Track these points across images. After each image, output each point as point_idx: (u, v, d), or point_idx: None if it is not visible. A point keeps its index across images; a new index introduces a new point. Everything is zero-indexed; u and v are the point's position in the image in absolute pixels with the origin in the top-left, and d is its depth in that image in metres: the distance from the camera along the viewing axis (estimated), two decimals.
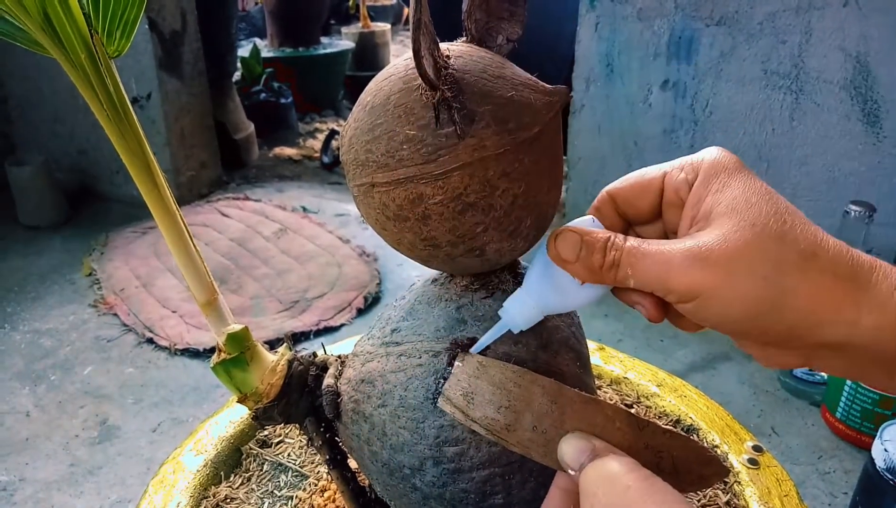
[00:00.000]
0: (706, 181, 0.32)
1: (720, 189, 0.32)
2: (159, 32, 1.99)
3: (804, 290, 0.29)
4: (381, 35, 3.70)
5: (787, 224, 0.30)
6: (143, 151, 0.36)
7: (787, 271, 0.29)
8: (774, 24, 1.34)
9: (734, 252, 0.29)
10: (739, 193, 0.31)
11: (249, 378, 0.42)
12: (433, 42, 0.33)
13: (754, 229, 0.30)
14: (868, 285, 0.29)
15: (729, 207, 0.31)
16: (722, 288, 0.30)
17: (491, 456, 0.37)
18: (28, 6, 0.32)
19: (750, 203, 0.31)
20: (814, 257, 0.30)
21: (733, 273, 0.29)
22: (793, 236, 0.30)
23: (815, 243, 0.30)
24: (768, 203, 0.31)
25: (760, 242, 0.30)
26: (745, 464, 0.54)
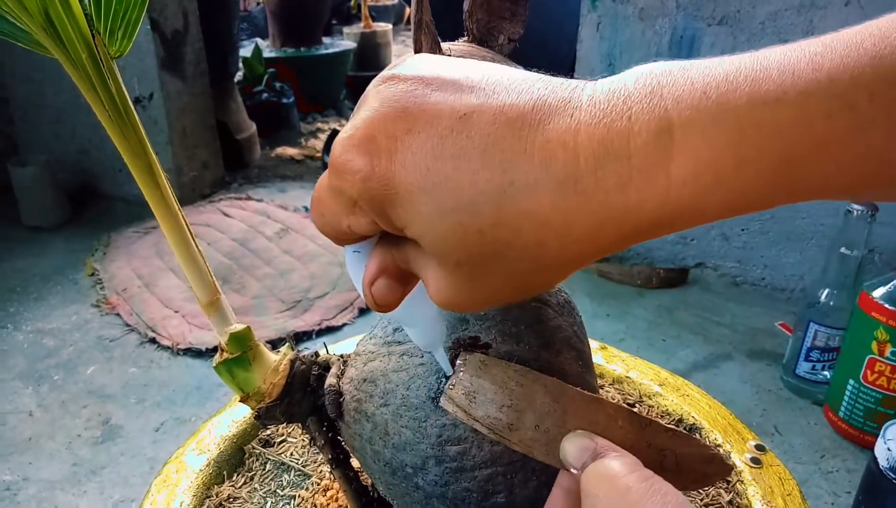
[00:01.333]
0: (386, 223, 0.26)
1: (405, 225, 0.26)
2: (161, 32, 1.99)
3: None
4: (382, 35, 3.70)
5: (483, 239, 0.24)
6: (145, 152, 0.36)
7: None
8: (776, 23, 1.34)
9: (456, 290, 0.26)
10: (422, 226, 0.25)
11: (252, 378, 0.42)
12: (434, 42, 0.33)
13: (460, 270, 0.26)
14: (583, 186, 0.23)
15: (425, 242, 0.26)
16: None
17: (493, 455, 0.37)
18: (29, 6, 0.32)
19: (440, 236, 0.25)
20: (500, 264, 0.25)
21: (470, 303, 0.27)
22: (495, 252, 0.25)
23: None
24: (451, 222, 0.24)
25: (467, 279, 0.26)
26: (747, 463, 0.54)
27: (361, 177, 0.25)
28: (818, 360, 1.23)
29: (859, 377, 1.10)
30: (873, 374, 1.08)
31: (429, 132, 0.24)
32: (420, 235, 0.25)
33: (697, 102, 0.22)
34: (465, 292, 0.26)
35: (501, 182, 0.23)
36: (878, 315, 1.04)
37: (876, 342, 1.06)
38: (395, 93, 0.25)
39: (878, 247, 1.36)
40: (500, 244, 0.24)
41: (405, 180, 0.24)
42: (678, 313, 1.54)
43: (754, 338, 1.44)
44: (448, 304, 0.27)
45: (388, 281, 0.29)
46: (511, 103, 0.24)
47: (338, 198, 0.26)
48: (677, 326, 1.49)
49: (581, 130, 0.23)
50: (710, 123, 0.22)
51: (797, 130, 0.22)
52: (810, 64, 0.22)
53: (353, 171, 0.25)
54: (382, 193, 0.25)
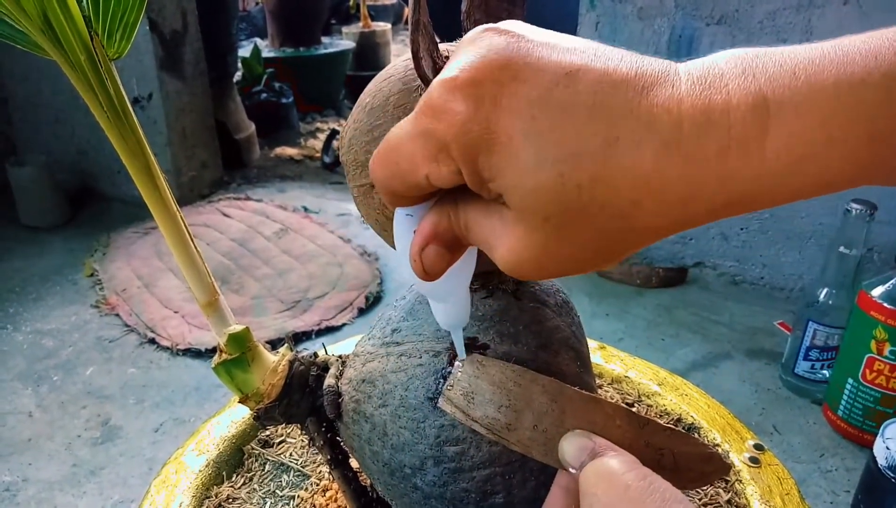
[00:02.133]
0: (473, 173, 0.26)
1: (493, 176, 0.25)
2: (160, 33, 1.99)
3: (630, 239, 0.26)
4: (381, 35, 3.70)
5: (580, 194, 0.24)
6: (144, 153, 0.36)
7: (593, 254, 0.26)
8: (775, 22, 1.34)
9: (540, 256, 0.26)
10: (515, 177, 0.25)
11: (251, 379, 0.42)
12: (432, 43, 0.33)
13: (546, 228, 0.25)
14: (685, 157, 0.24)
15: (513, 190, 0.25)
16: (541, 275, 0.27)
17: (491, 456, 0.37)
18: (28, 9, 0.32)
19: (535, 189, 0.25)
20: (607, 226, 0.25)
21: (545, 271, 0.27)
22: (586, 215, 0.25)
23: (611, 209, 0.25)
24: (551, 176, 0.24)
25: (556, 243, 0.26)
26: (746, 462, 0.54)
27: (462, 119, 0.24)
28: (817, 359, 1.23)
29: (858, 376, 1.10)
30: (872, 373, 1.08)
31: (535, 82, 0.24)
32: (512, 186, 0.25)
33: (788, 82, 0.23)
34: (544, 254, 0.26)
35: (607, 137, 0.23)
36: (877, 314, 1.04)
37: (875, 340, 1.06)
38: (499, 42, 0.25)
39: (876, 246, 1.36)
40: (595, 201, 0.24)
41: (509, 126, 0.24)
42: (677, 313, 1.54)
43: (753, 337, 1.44)
44: (520, 267, 0.27)
45: (438, 248, 0.28)
46: (615, 67, 0.24)
47: (426, 142, 0.26)
48: (676, 325, 1.49)
49: (684, 99, 0.24)
50: (802, 101, 0.23)
51: (882, 110, 0.22)
52: (892, 48, 0.23)
53: (455, 112, 0.24)
54: (481, 137, 0.24)
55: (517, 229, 0.26)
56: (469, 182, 0.26)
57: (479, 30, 0.26)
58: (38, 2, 0.31)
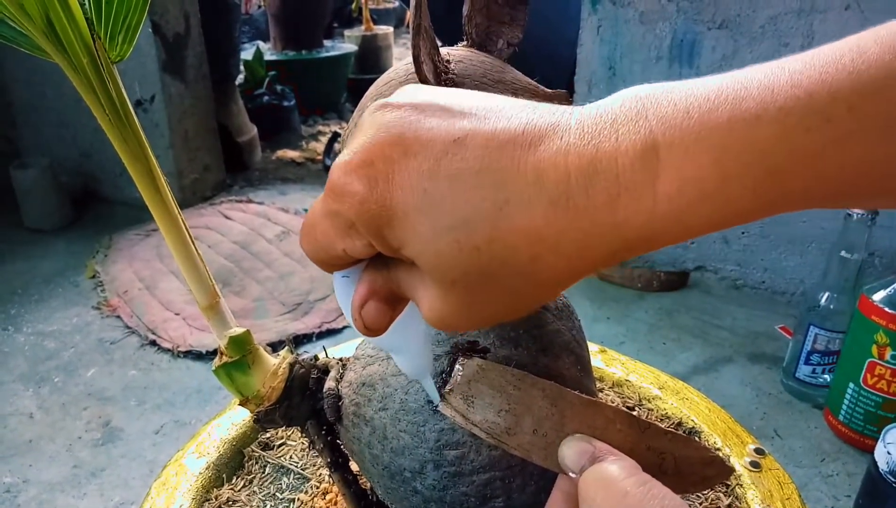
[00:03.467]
0: (382, 244, 0.27)
1: (401, 246, 0.26)
2: (163, 35, 2.00)
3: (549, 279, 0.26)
4: (383, 38, 3.71)
5: (480, 256, 0.25)
6: (145, 155, 0.36)
7: (515, 299, 0.26)
8: (776, 27, 1.34)
9: (457, 314, 0.27)
10: (419, 246, 0.25)
11: (251, 382, 0.42)
12: (433, 47, 0.33)
13: (456, 288, 0.26)
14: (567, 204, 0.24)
15: (416, 254, 0.26)
16: (469, 326, 0.28)
17: (491, 460, 0.37)
18: (31, 11, 0.32)
19: (435, 255, 0.25)
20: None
21: (468, 323, 0.28)
22: (490, 277, 0.25)
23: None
24: (448, 241, 0.25)
25: (470, 299, 0.26)
26: (747, 467, 0.54)
27: (360, 199, 0.25)
28: (818, 363, 1.23)
29: (859, 381, 1.09)
30: (873, 377, 1.08)
31: (424, 155, 0.25)
32: (417, 254, 0.26)
33: (680, 122, 0.23)
34: (461, 310, 0.27)
35: (496, 200, 0.24)
36: (879, 319, 1.04)
37: (876, 345, 1.06)
38: (390, 120, 0.26)
39: (878, 250, 1.36)
40: (495, 261, 0.25)
41: (402, 201, 0.25)
42: (678, 317, 1.54)
43: (754, 341, 1.44)
44: (442, 323, 0.28)
45: (377, 304, 0.29)
46: (503, 128, 0.25)
47: (334, 221, 0.27)
48: (677, 329, 1.49)
49: (571, 151, 0.24)
50: (693, 142, 0.23)
51: (778, 145, 0.22)
52: (789, 81, 0.23)
53: (352, 193, 0.26)
54: (380, 214, 0.25)
55: (432, 290, 0.27)
56: (383, 251, 0.27)
57: (375, 106, 0.27)
58: (41, 4, 0.32)
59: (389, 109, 0.26)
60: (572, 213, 0.24)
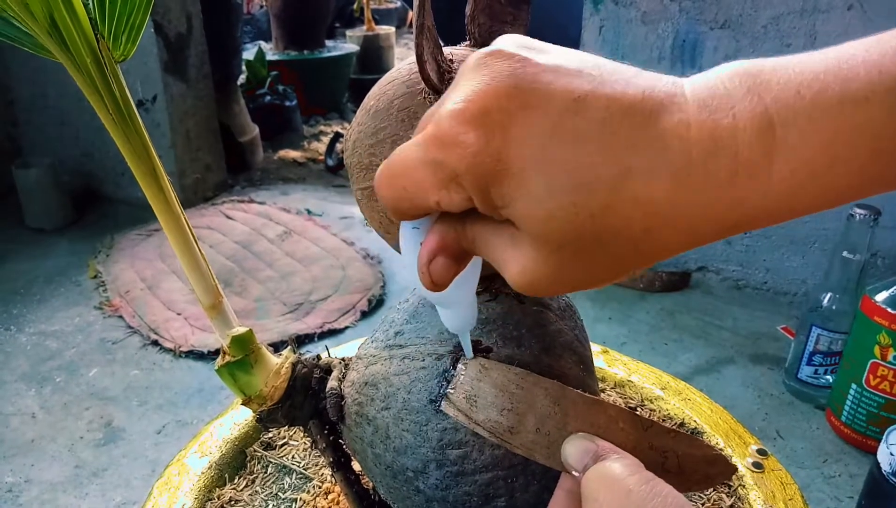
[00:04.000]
0: (484, 200, 0.26)
1: (506, 203, 0.25)
2: (165, 36, 2.00)
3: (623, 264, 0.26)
4: (385, 38, 3.71)
5: (589, 227, 0.24)
6: (149, 155, 0.36)
7: (603, 269, 0.26)
8: (779, 27, 1.34)
9: (550, 277, 0.26)
10: (528, 202, 0.25)
11: (254, 381, 0.42)
12: (436, 46, 0.33)
13: (559, 252, 0.25)
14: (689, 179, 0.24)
15: (524, 216, 0.25)
16: (551, 291, 0.27)
17: (494, 459, 0.37)
18: (35, 11, 0.32)
19: (544, 217, 0.25)
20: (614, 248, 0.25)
21: (557, 287, 0.27)
22: (599, 243, 0.25)
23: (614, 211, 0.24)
24: (559, 206, 0.24)
25: (567, 263, 0.26)
26: (749, 468, 0.54)
27: (473, 151, 0.24)
28: (820, 364, 1.22)
29: (862, 382, 1.09)
30: (876, 378, 1.08)
31: (544, 110, 0.24)
32: (524, 215, 0.25)
33: (793, 102, 0.23)
34: (556, 275, 0.26)
35: (620, 167, 0.24)
36: (881, 320, 1.04)
37: (878, 346, 1.06)
38: (504, 68, 0.25)
39: (880, 251, 1.36)
40: (608, 230, 0.24)
41: (519, 157, 0.24)
42: (680, 317, 1.54)
43: (756, 342, 1.44)
44: (531, 287, 0.27)
45: (446, 260, 0.28)
46: (622, 92, 0.24)
47: (436, 171, 0.25)
48: (679, 330, 1.49)
49: (692, 124, 0.24)
50: (806, 123, 0.23)
51: (886, 128, 0.22)
52: (893, 60, 0.23)
53: (465, 144, 0.24)
54: (493, 168, 0.24)
55: (530, 252, 0.26)
56: (481, 208, 0.26)
57: (481, 54, 0.26)
58: (45, 4, 0.32)
59: (501, 58, 0.25)
60: (691, 187, 0.23)
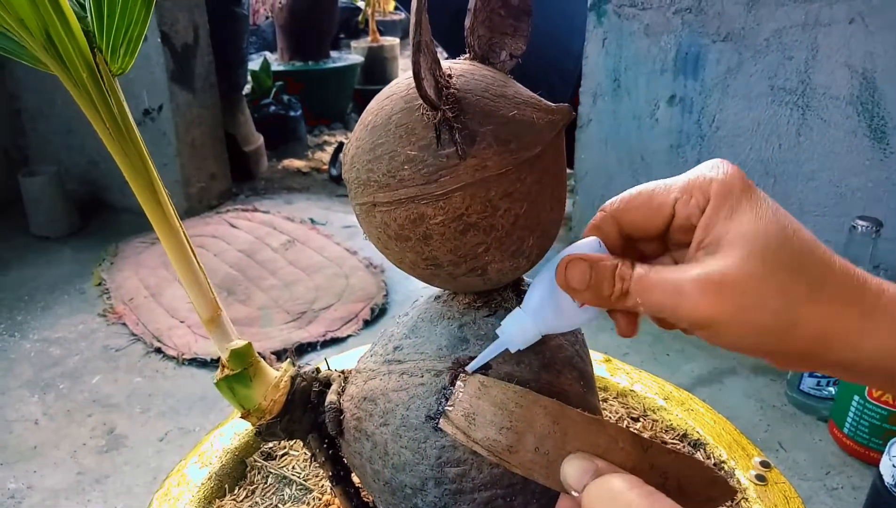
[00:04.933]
0: (717, 207, 0.32)
1: (730, 215, 0.32)
2: (171, 46, 2.01)
3: (813, 320, 0.30)
4: (389, 49, 3.72)
5: (796, 253, 0.30)
6: (146, 169, 0.36)
7: (797, 303, 0.30)
8: (781, 40, 1.34)
9: (746, 284, 0.30)
10: (750, 220, 0.31)
11: (252, 394, 0.42)
12: (434, 62, 0.33)
13: (765, 261, 0.30)
14: (874, 311, 0.30)
15: (740, 235, 0.31)
16: (733, 319, 0.30)
17: (493, 478, 0.37)
18: (30, 25, 0.32)
19: (759, 232, 0.31)
20: (822, 286, 0.30)
21: (745, 306, 0.30)
22: (802, 266, 0.30)
23: (824, 270, 0.31)
24: (778, 230, 0.31)
25: (771, 274, 0.30)
26: (752, 480, 0.54)
27: (734, 170, 0.33)
28: (823, 376, 1.22)
29: (864, 394, 1.09)
30: (878, 390, 1.07)
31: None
32: (749, 222, 0.31)
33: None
34: (757, 284, 0.30)
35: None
36: None
37: None
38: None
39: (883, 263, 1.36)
40: (805, 252, 0.31)
41: (763, 192, 0.33)
42: None
43: None
44: (723, 292, 0.30)
45: (590, 273, 0.33)
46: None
47: (694, 178, 0.34)
48: (682, 340, 1.49)
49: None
50: None
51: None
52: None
53: (729, 167, 0.34)
54: (744, 186, 0.33)
55: (732, 256, 0.30)
56: (703, 220, 0.32)
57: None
58: (41, 19, 0.32)
59: None
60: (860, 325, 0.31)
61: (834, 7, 1.26)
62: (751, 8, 1.36)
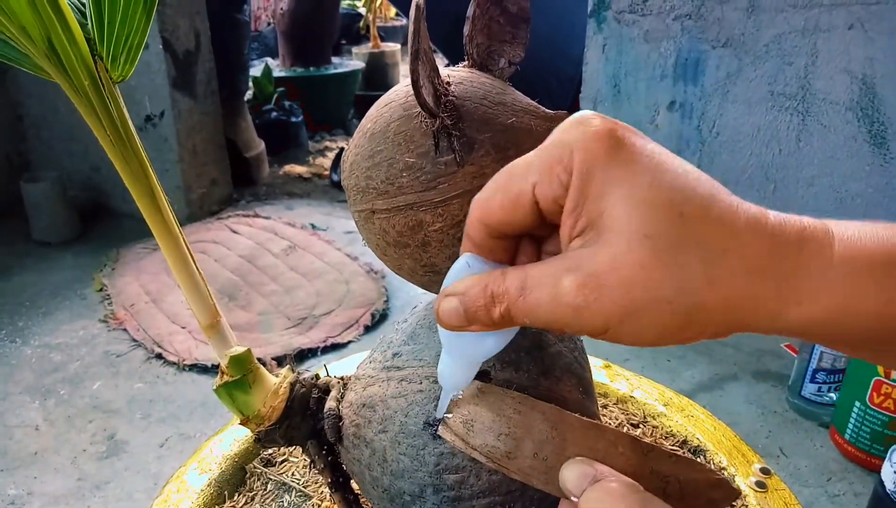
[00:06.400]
0: (582, 185, 0.27)
1: (600, 192, 0.26)
2: (173, 52, 2.02)
3: (717, 303, 0.26)
4: (390, 55, 3.74)
5: (687, 223, 0.26)
6: (147, 176, 0.36)
7: (694, 288, 0.26)
8: (780, 46, 1.34)
9: (630, 278, 0.26)
10: (624, 195, 0.26)
11: (252, 401, 0.42)
12: (433, 69, 0.33)
13: (647, 244, 0.25)
14: (794, 272, 0.26)
15: (614, 217, 0.26)
16: (625, 322, 0.26)
17: (491, 484, 0.37)
18: (32, 33, 0.32)
19: (637, 208, 0.26)
20: (722, 258, 0.26)
21: (634, 306, 0.26)
22: (695, 238, 0.26)
23: (725, 236, 0.26)
24: (662, 201, 0.26)
25: (657, 258, 0.25)
26: (752, 487, 0.54)
27: (598, 128, 0.27)
28: (824, 382, 1.22)
29: (865, 400, 1.09)
30: (879, 396, 1.07)
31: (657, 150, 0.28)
32: (625, 197, 0.26)
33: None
34: (651, 265, 0.26)
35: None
36: None
37: None
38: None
39: None
40: (698, 232, 0.26)
41: (639, 150, 0.27)
42: None
43: (760, 359, 1.43)
44: (622, 283, 0.26)
45: (463, 306, 0.29)
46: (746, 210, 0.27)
47: (551, 149, 0.28)
48: (682, 346, 1.48)
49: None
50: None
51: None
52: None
53: (594, 123, 0.27)
54: (613, 146, 0.27)
55: (617, 245, 0.26)
56: (570, 199, 0.27)
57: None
58: (43, 27, 0.32)
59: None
60: (768, 286, 0.26)
61: (833, 13, 1.27)
62: (750, 14, 1.36)
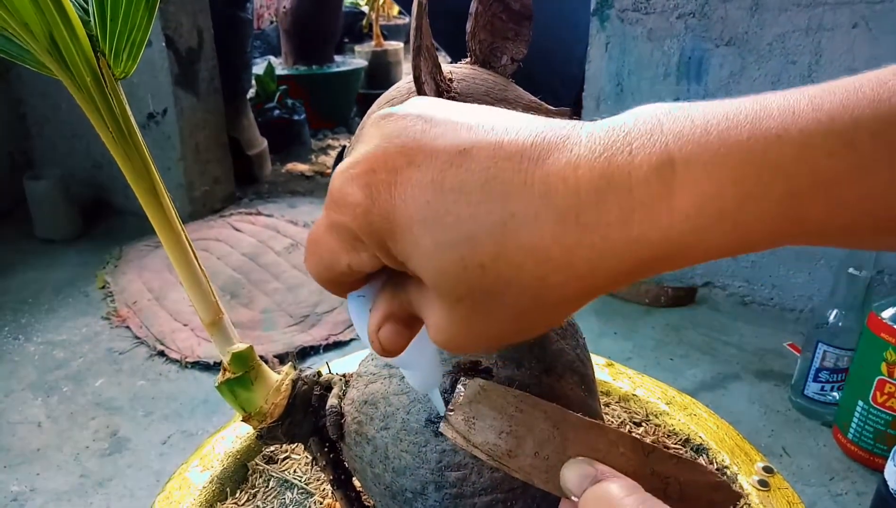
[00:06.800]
0: (386, 255, 0.26)
1: (405, 257, 0.25)
2: (176, 50, 2.02)
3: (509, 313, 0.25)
4: (393, 53, 3.74)
5: (486, 275, 0.24)
6: (149, 173, 0.36)
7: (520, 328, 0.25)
8: (784, 45, 1.34)
9: (465, 334, 0.25)
10: (422, 267, 0.24)
11: (254, 398, 0.42)
12: (435, 66, 0.33)
13: (460, 310, 0.25)
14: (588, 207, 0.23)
15: (424, 282, 0.25)
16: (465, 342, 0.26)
17: (493, 482, 0.37)
18: (34, 30, 0.32)
19: (441, 277, 0.24)
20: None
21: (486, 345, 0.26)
22: (501, 287, 0.24)
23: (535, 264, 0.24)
24: (450, 262, 0.24)
25: (475, 318, 0.25)
26: (755, 486, 0.53)
27: (362, 210, 0.24)
28: (827, 381, 1.21)
29: (868, 399, 1.08)
30: (883, 395, 1.07)
31: (429, 165, 0.24)
32: (421, 269, 0.25)
33: (698, 138, 0.22)
34: (466, 330, 0.25)
35: (502, 214, 0.23)
36: (888, 337, 1.03)
37: (885, 363, 1.05)
38: (394, 129, 0.25)
39: (887, 268, 1.35)
40: (501, 280, 0.24)
41: (405, 213, 0.24)
42: (686, 333, 1.53)
43: (763, 358, 1.43)
44: (448, 343, 0.26)
45: (395, 326, 0.28)
46: (510, 140, 0.24)
47: (338, 233, 0.26)
48: (685, 345, 1.48)
49: (581, 164, 0.23)
50: (712, 158, 0.22)
51: (799, 166, 0.22)
52: (810, 104, 0.22)
53: (353, 204, 0.24)
54: (382, 226, 0.24)
55: (438, 308, 0.26)
56: (390, 264, 0.26)
57: (378, 116, 0.26)
58: (45, 23, 0.32)
59: (394, 119, 0.25)
60: (582, 230, 0.22)
61: (837, 12, 1.26)
62: (754, 13, 1.36)
